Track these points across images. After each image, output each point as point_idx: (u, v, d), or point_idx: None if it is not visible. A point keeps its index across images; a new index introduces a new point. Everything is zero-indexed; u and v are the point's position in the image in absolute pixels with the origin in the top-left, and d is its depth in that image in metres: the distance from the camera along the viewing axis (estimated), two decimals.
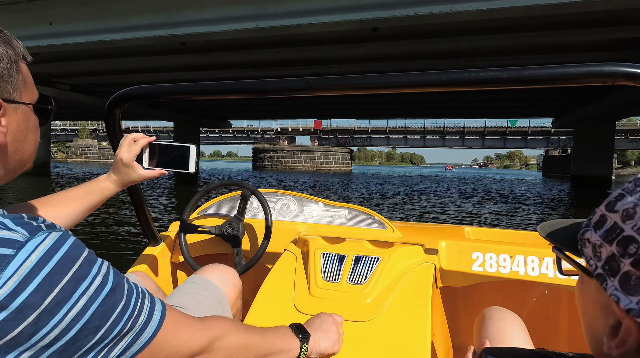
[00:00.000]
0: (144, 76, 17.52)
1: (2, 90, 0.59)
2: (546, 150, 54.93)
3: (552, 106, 26.07)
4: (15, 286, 0.47)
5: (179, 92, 1.14)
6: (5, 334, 0.47)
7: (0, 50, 0.58)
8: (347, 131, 53.51)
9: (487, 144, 53.46)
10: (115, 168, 1.03)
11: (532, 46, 12.43)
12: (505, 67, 0.90)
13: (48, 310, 0.49)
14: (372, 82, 0.99)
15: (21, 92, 0.63)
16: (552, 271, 1.33)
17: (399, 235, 1.58)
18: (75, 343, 0.51)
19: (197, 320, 0.70)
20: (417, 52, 13.33)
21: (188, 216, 1.64)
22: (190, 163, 1.05)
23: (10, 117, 0.61)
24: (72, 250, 0.53)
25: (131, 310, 0.57)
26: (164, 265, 1.72)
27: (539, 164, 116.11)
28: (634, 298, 0.41)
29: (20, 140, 0.64)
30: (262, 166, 46.89)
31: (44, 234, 0.51)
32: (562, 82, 0.90)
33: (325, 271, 1.23)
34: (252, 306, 1.16)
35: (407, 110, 31.43)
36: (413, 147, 55.74)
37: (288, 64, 15.50)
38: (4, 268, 0.47)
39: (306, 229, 1.66)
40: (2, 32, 0.60)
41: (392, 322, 1.07)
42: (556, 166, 47.95)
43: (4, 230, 0.50)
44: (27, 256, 0.49)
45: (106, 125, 1.21)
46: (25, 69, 0.64)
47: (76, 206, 0.96)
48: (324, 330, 0.95)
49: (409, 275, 1.23)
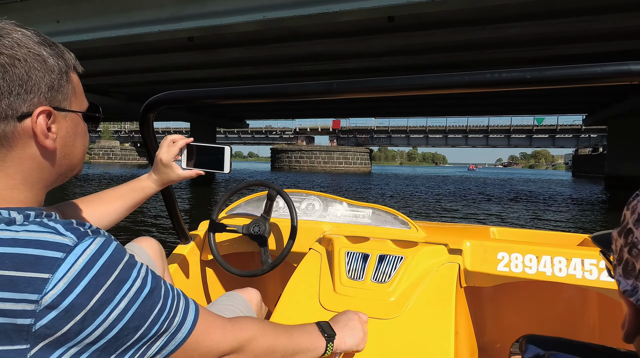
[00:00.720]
0: (155, 75, 17.15)
1: (52, 99, 0.62)
2: (575, 149, 52.47)
3: (584, 101, 24.47)
4: (65, 287, 0.52)
5: (210, 96, 1.17)
6: (55, 331, 0.51)
7: (52, 62, 0.62)
8: (367, 131, 52.54)
9: (513, 143, 51.43)
10: (156, 168, 1.09)
11: (564, 34, 11.31)
12: (528, 68, 0.90)
13: (93, 310, 0.53)
14: (395, 84, 0.99)
15: (71, 101, 0.67)
16: (581, 272, 1.30)
17: (423, 234, 1.58)
18: (116, 341, 0.56)
19: (228, 321, 0.74)
20: (437, 43, 12.38)
21: (217, 216, 1.68)
22: (225, 164, 1.10)
23: (60, 124, 0.65)
24: (115, 254, 0.57)
25: (167, 311, 0.61)
26: (194, 262, 1.78)
27: (567, 163, 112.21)
28: (629, 280, 0.48)
29: (69, 146, 0.68)
30: (281, 166, 46.78)
31: (90, 239, 0.56)
32: (587, 82, 0.88)
33: (349, 270, 1.25)
34: (279, 302, 1.20)
35: (428, 108, 30.32)
36: (435, 146, 54.27)
37: (300, 59, 14.79)
38: (55, 270, 0.52)
39: (330, 228, 1.68)
40: (55, 45, 0.64)
41: (416, 320, 1.09)
42: (587, 166, 45.81)
43: (55, 234, 0.54)
44: (75, 259, 0.53)
45: (141, 128, 1.26)
46: (75, 79, 0.68)
47: (120, 203, 1.03)
48: (350, 328, 0.97)
49: (433, 274, 1.23)
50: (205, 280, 1.86)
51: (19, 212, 0.58)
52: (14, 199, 0.61)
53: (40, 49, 0.61)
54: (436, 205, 13.39)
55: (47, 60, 0.61)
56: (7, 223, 0.55)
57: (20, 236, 0.53)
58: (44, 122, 0.61)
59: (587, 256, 1.30)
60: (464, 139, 51.77)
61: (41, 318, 0.50)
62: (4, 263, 0.51)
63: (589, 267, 1.29)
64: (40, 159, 0.63)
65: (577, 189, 23.87)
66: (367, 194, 17.05)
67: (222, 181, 22.15)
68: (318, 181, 24.64)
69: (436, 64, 14.80)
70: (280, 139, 56.99)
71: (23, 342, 0.51)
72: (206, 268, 1.86)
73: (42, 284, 0.51)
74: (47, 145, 0.62)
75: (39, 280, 0.51)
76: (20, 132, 0.60)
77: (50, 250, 0.53)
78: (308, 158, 45.72)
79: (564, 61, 13.79)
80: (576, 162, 51.80)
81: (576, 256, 1.31)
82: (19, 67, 0.58)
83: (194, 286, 1.79)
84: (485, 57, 13.51)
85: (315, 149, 47.04)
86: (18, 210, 0.58)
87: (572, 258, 1.31)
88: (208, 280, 1.87)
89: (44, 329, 0.51)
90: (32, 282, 0.51)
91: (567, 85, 0.89)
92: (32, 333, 0.50)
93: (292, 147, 48.57)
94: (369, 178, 32.17)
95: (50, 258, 0.52)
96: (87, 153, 24.46)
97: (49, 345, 0.51)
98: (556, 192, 20.96)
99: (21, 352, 0.50)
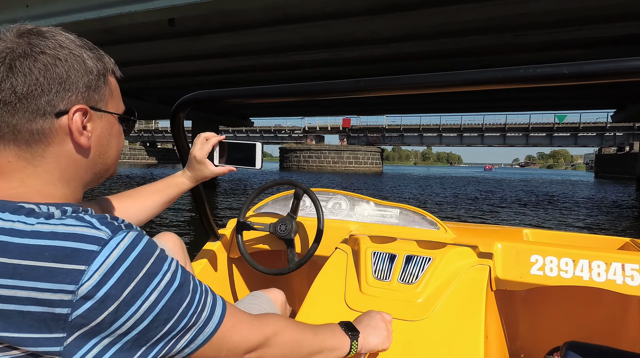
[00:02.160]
0: (143, 68, 15.87)
1: (89, 99, 0.65)
2: (599, 148, 49.83)
3: (613, 94, 22.37)
4: (100, 279, 0.54)
5: (239, 95, 1.19)
6: (90, 321, 0.54)
7: (91, 64, 0.65)
8: (378, 129, 50.73)
9: (532, 142, 48.96)
10: (190, 165, 1.12)
11: (601, 9, 9.56)
12: (565, 63, 0.84)
13: (125, 301, 0.55)
14: (422, 81, 0.97)
15: (107, 102, 0.69)
16: (621, 277, 1.22)
17: (452, 235, 1.55)
18: (147, 333, 0.58)
19: (255, 317, 0.75)
20: (449, 25, 10.72)
21: (244, 215, 1.71)
22: (257, 160, 1.11)
23: (95, 124, 0.67)
24: (146, 248, 0.59)
25: (195, 305, 0.63)
26: (222, 259, 1.80)
27: (587, 163, 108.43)
28: None
29: (104, 145, 0.70)
30: (289, 166, 45.95)
31: (124, 233, 0.58)
32: (632, 77, 0.82)
33: (376, 270, 1.24)
34: (304, 301, 1.21)
35: (442, 104, 28.54)
36: (449, 146, 52.22)
37: (297, 48, 13.31)
38: (91, 262, 0.54)
39: (357, 228, 1.67)
40: (96, 49, 0.68)
41: (444, 322, 1.06)
42: (612, 166, 43.31)
43: (91, 228, 0.57)
44: (110, 252, 0.56)
45: (172, 128, 1.28)
46: (113, 83, 0.71)
47: (156, 198, 1.07)
48: (373, 327, 0.97)
49: (462, 277, 1.21)
50: (232, 277, 1.87)
51: (57, 207, 0.60)
52: (53, 195, 0.63)
53: (81, 52, 0.64)
54: (454, 216, 11.78)
55: (87, 62, 0.64)
56: (47, 217, 0.58)
57: (59, 230, 0.56)
58: (79, 120, 0.64)
59: (628, 261, 1.22)
60: (479, 138, 49.48)
61: (77, 308, 0.53)
62: (44, 255, 0.54)
63: (631, 272, 1.21)
64: (76, 156, 0.66)
65: (606, 191, 21.88)
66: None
67: (226, 186, 20.89)
68: (322, 183, 23.16)
69: (449, 51, 13.13)
70: (289, 138, 55.77)
71: (60, 330, 0.53)
72: (233, 266, 1.86)
73: (79, 275, 0.53)
74: (82, 142, 0.65)
75: (75, 271, 0.53)
76: (57, 129, 0.63)
77: (87, 243, 0.55)
78: (317, 157, 44.81)
79: (598, 44, 12.01)
80: (600, 162, 49.22)
81: (616, 260, 1.24)
82: (60, 67, 0.61)
83: (222, 283, 1.82)
84: (507, 40, 11.82)
85: (324, 148, 45.97)
86: (56, 205, 0.61)
87: (612, 263, 1.24)
88: (235, 277, 1.89)
89: (80, 319, 0.53)
90: (69, 273, 0.53)
91: (609, 80, 0.83)
92: (68, 322, 0.53)
93: (301, 146, 47.50)
94: (378, 179, 30.57)
95: (86, 251, 0.55)
96: None
97: (84, 334, 0.54)
98: (587, 195, 19.06)
99: (58, 340, 0.53)
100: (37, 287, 0.52)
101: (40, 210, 0.59)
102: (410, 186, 22.46)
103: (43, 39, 0.61)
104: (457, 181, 29.43)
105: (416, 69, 16.14)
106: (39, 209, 0.59)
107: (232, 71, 16.93)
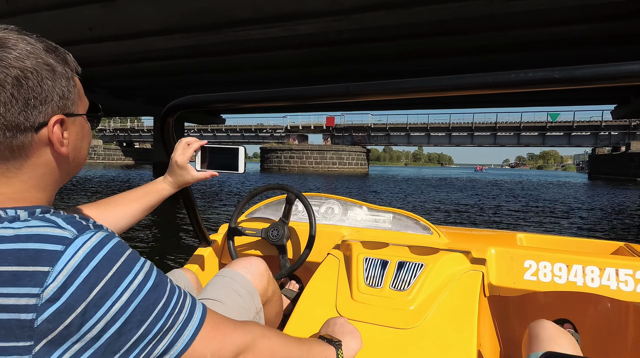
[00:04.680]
0: (107, 69, 13.26)
1: (64, 107, 0.64)
2: (592, 148, 47.91)
3: (616, 87, 20.12)
4: (65, 279, 0.52)
5: (228, 100, 1.17)
6: (57, 325, 0.51)
7: (60, 70, 0.63)
8: (363, 128, 48.19)
9: (523, 142, 46.74)
10: (171, 170, 1.09)
11: None
12: (557, 67, 0.84)
13: (94, 303, 0.53)
14: (412, 86, 0.97)
15: (77, 105, 0.68)
16: (615, 282, 1.23)
17: (446, 240, 1.54)
18: (120, 337, 0.55)
19: (237, 322, 0.73)
20: None
21: (236, 220, 1.68)
22: (240, 165, 1.10)
23: (70, 130, 0.66)
24: (116, 248, 0.57)
25: (172, 307, 0.60)
26: (213, 265, 1.76)
27: (578, 164, 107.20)
28: None
29: (78, 148, 0.69)
30: (270, 167, 43.74)
31: (91, 232, 0.56)
32: (624, 82, 0.83)
33: (367, 277, 1.23)
34: (295, 308, 1.19)
35: (429, 99, 26.21)
36: (437, 145, 49.80)
37: (244, 22, 10.75)
38: (55, 263, 0.52)
39: (350, 233, 1.65)
40: (58, 50, 0.64)
41: (437, 330, 1.05)
42: (607, 167, 41.32)
43: (55, 228, 0.55)
44: (75, 251, 0.53)
45: (160, 132, 1.28)
46: (78, 82, 0.69)
47: (136, 206, 1.03)
48: (349, 332, 0.98)
49: (455, 283, 1.20)
50: None
51: (25, 209, 0.59)
52: (25, 199, 0.61)
53: (48, 58, 0.62)
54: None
55: (56, 69, 0.62)
56: (10, 220, 0.56)
57: (22, 232, 0.54)
58: (59, 130, 0.63)
59: (622, 266, 1.23)
60: (469, 137, 47.16)
61: (43, 312, 0.51)
62: (7, 259, 0.52)
63: (625, 278, 1.22)
64: (54, 165, 0.65)
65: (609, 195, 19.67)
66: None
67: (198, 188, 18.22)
68: (302, 186, 20.67)
69: (430, 24, 10.65)
70: (271, 138, 53.03)
71: (27, 338, 0.51)
72: None
73: (43, 277, 0.51)
74: (62, 152, 0.64)
75: (39, 273, 0.51)
76: (37, 142, 0.62)
77: (50, 243, 0.53)
78: (299, 157, 42.64)
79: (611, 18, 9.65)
80: (594, 163, 47.17)
81: (610, 265, 1.24)
82: (32, 79, 0.59)
83: None
84: (498, 8, 9.37)
85: (306, 148, 43.69)
86: (25, 208, 0.59)
87: (606, 268, 1.25)
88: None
89: (46, 323, 0.51)
90: (33, 276, 0.51)
91: (599, 84, 0.84)
92: (34, 328, 0.51)
93: (282, 146, 45.12)
94: (363, 181, 28.17)
95: (50, 251, 0.53)
96: None
97: (52, 341, 0.52)
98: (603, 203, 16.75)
99: (26, 348, 0.51)
100: (2, 293, 0.51)
101: (7, 215, 0.57)
102: (392, 194, 20.03)
103: (7, 50, 0.58)
104: (447, 185, 27.10)
105: (388, 52, 13.63)
106: (5, 214, 0.57)
107: (174, 55, 14.33)
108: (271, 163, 43.68)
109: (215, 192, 15.62)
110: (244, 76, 19.38)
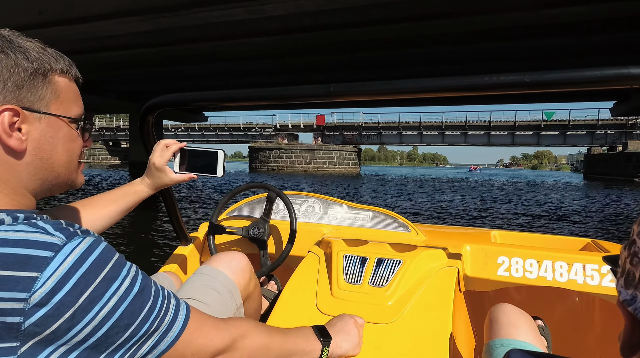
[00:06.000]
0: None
1: (22, 99, 0.62)
2: (588, 148, 46.96)
3: None
4: (54, 285, 0.53)
5: (209, 99, 1.19)
6: (44, 329, 0.52)
7: (25, 63, 0.62)
8: (354, 127, 46.84)
9: (518, 141, 45.62)
10: (149, 172, 1.08)
11: None
12: (527, 72, 0.90)
13: (82, 308, 0.54)
14: (396, 87, 1.01)
15: (49, 104, 0.65)
16: (582, 277, 1.30)
17: (423, 238, 1.59)
18: (106, 340, 0.57)
19: (220, 320, 0.74)
20: None
21: (217, 218, 1.69)
22: (219, 168, 1.10)
23: (31, 126, 0.64)
24: (104, 253, 0.58)
25: (157, 310, 0.62)
26: (194, 263, 1.76)
27: (572, 164, 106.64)
28: (629, 290, 0.47)
29: (47, 150, 0.66)
30: (258, 167, 42.70)
31: (80, 239, 0.57)
32: (587, 86, 0.90)
33: (347, 273, 1.26)
34: (275, 306, 1.22)
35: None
36: (430, 145, 48.54)
37: (200, 3, 9.42)
38: (44, 269, 0.53)
39: (330, 231, 1.69)
40: (41, 48, 0.65)
41: (413, 324, 1.09)
42: (603, 167, 40.37)
43: (44, 234, 0.56)
44: (64, 258, 0.54)
45: (140, 131, 1.26)
46: (62, 83, 0.67)
47: (114, 207, 1.02)
48: (346, 332, 0.98)
49: (431, 279, 1.24)
50: None
51: (7, 214, 0.59)
52: (0, 201, 0.61)
53: (15, 50, 0.61)
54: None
55: (19, 60, 0.61)
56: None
57: (9, 236, 0.54)
58: (7, 121, 0.61)
59: (588, 262, 1.30)
60: (463, 136, 45.90)
61: (30, 316, 0.52)
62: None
63: (591, 272, 1.28)
64: (8, 158, 0.62)
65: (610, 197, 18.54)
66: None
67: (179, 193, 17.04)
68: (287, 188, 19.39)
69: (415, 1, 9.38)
70: (260, 137, 51.41)
71: (13, 339, 0.52)
72: None
73: (31, 282, 0.52)
74: (12, 145, 0.62)
75: (27, 278, 0.52)
76: None
77: (39, 249, 0.54)
78: (288, 157, 41.58)
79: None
80: (589, 163, 46.23)
81: (578, 261, 1.31)
82: None
83: None
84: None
85: (295, 147, 42.58)
86: (7, 212, 0.59)
87: (574, 263, 1.31)
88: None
89: (33, 327, 0.52)
90: (20, 281, 0.52)
91: (566, 89, 0.90)
92: (21, 331, 0.52)
93: (271, 145, 43.88)
94: (354, 181, 26.91)
95: (39, 257, 0.53)
96: None
97: (39, 343, 0.53)
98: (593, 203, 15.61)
99: (12, 349, 0.52)
100: None
101: None
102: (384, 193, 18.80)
103: None
104: (441, 187, 25.90)
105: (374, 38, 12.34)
106: None
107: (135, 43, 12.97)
108: (260, 163, 42.66)
109: (197, 192, 14.41)
110: (218, 67, 18.03)
